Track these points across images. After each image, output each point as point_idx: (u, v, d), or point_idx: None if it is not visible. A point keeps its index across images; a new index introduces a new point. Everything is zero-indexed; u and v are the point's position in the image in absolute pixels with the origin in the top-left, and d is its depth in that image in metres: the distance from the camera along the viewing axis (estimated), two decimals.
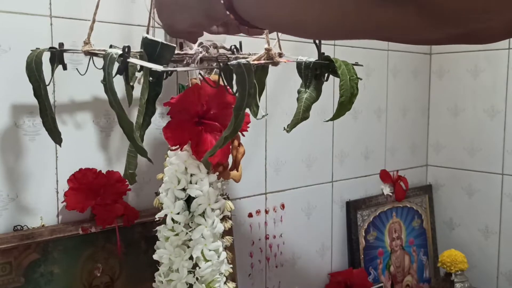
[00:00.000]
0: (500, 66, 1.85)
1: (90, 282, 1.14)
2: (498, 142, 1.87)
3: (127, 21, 1.18)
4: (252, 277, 1.49)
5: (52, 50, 0.93)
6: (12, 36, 1.02)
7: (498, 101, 1.86)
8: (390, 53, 1.85)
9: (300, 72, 0.88)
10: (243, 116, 0.75)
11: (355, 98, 0.82)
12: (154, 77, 0.77)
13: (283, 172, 1.55)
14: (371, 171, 1.84)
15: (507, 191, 1.86)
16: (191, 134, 0.98)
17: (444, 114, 2.01)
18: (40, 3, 1.05)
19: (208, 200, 1.01)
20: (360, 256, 1.75)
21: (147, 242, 1.21)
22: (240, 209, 1.42)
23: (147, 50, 0.77)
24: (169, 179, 1.03)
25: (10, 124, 1.04)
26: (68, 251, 1.11)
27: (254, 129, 1.43)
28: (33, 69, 0.88)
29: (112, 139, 1.18)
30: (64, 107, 1.10)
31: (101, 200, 1.11)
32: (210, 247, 1.02)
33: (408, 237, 1.92)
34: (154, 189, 1.25)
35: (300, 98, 0.85)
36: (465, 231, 1.98)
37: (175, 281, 1.04)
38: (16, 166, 1.05)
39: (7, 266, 1.03)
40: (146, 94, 0.78)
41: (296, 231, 1.60)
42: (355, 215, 1.75)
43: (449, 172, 2.01)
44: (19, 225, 1.06)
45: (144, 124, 0.80)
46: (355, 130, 1.76)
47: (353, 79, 0.81)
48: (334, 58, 0.84)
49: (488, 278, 1.92)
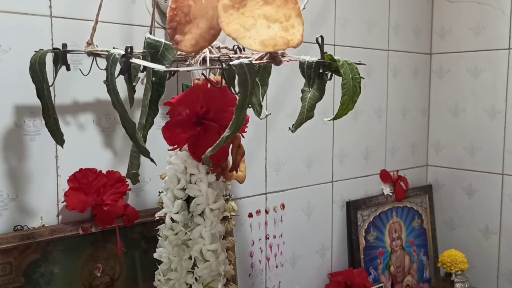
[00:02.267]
0: (500, 66, 1.85)
1: (90, 282, 1.14)
2: (498, 142, 1.87)
3: (127, 21, 1.17)
4: (252, 277, 1.49)
5: (56, 51, 0.93)
6: (12, 36, 1.02)
7: (498, 101, 1.86)
8: (390, 53, 1.85)
9: (303, 71, 0.87)
10: (244, 116, 0.75)
11: (357, 98, 0.82)
12: (157, 78, 0.77)
13: (283, 172, 1.55)
14: (371, 171, 1.84)
15: (507, 191, 1.86)
16: (189, 134, 0.97)
17: (444, 114, 2.01)
18: (40, 3, 1.05)
19: (207, 200, 1.01)
20: (360, 256, 1.74)
21: (147, 242, 1.21)
22: (240, 209, 1.42)
23: (150, 50, 0.77)
24: (169, 179, 1.03)
25: (10, 124, 1.03)
26: (68, 251, 1.10)
27: (255, 129, 1.43)
28: (37, 70, 0.88)
29: (113, 139, 1.18)
30: (64, 107, 1.10)
31: (101, 200, 1.10)
32: (209, 247, 1.02)
33: (408, 237, 1.92)
34: (154, 189, 1.25)
35: (304, 97, 0.85)
36: (465, 231, 1.98)
37: (173, 280, 1.04)
38: (17, 166, 1.05)
39: (7, 266, 1.02)
40: (149, 94, 0.77)
41: (296, 231, 1.60)
42: (355, 215, 1.75)
43: (449, 172, 2.01)
44: (19, 225, 1.06)
45: (147, 125, 0.79)
46: (355, 130, 1.76)
47: (356, 78, 0.81)
48: (336, 57, 0.84)
49: (488, 278, 1.92)
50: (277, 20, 0.66)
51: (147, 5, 1.20)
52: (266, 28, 0.65)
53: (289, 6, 0.67)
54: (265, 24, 0.66)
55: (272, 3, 0.67)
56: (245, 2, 0.66)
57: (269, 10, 0.66)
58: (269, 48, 0.65)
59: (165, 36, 1.23)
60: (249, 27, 0.65)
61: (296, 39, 0.67)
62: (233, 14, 0.65)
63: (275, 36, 0.65)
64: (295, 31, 0.67)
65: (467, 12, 1.91)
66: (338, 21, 1.65)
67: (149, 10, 1.19)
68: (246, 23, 0.65)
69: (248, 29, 0.65)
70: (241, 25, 0.65)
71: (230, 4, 0.65)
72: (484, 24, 1.87)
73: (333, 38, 1.64)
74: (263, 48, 0.65)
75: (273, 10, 0.66)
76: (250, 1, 0.66)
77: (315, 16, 1.57)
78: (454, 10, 1.95)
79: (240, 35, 0.65)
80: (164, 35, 1.23)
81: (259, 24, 0.66)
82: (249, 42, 0.65)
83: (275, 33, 0.66)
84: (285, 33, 0.66)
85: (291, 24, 0.67)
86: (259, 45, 0.65)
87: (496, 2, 1.83)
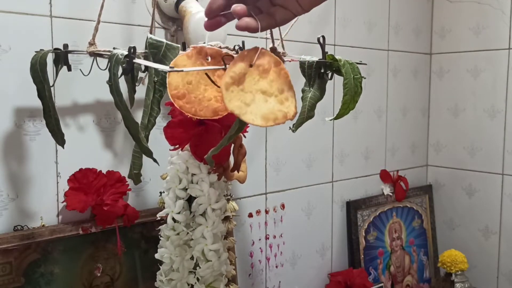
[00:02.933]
0: (500, 66, 1.85)
1: (90, 282, 1.14)
2: (498, 142, 1.87)
3: (127, 21, 1.17)
4: (252, 277, 1.49)
5: (57, 52, 0.93)
6: (12, 36, 1.02)
7: (498, 101, 1.86)
8: (390, 53, 1.85)
9: (304, 71, 0.87)
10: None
11: (358, 97, 0.82)
12: (159, 78, 0.77)
13: (283, 172, 1.55)
14: (371, 171, 1.84)
15: (507, 191, 1.86)
16: (190, 134, 0.97)
17: (444, 114, 2.01)
18: (40, 3, 1.05)
19: (209, 200, 1.01)
20: (360, 256, 1.74)
21: (147, 242, 1.21)
22: (240, 209, 1.42)
23: (152, 50, 0.77)
24: (171, 179, 1.03)
25: (10, 124, 1.03)
26: (68, 251, 1.10)
27: (255, 129, 1.43)
28: (37, 70, 0.87)
29: (113, 139, 1.18)
30: (64, 107, 1.10)
31: (101, 200, 1.10)
32: (211, 247, 1.02)
33: (408, 237, 1.92)
34: (154, 189, 1.24)
35: (305, 97, 0.85)
36: (465, 231, 1.98)
37: (175, 281, 1.04)
38: (17, 166, 1.05)
39: (7, 266, 1.02)
40: (151, 94, 0.77)
41: (296, 231, 1.60)
42: (355, 215, 1.75)
43: (449, 172, 2.01)
44: (19, 225, 1.06)
45: (149, 125, 0.79)
46: (355, 130, 1.76)
47: (357, 78, 0.81)
48: (338, 57, 0.84)
49: (488, 278, 1.92)
50: (272, 94, 0.70)
51: (147, 5, 1.20)
52: (264, 102, 0.69)
53: (281, 81, 0.71)
54: (263, 98, 0.70)
55: (267, 78, 0.70)
56: (244, 78, 0.69)
57: (264, 85, 0.70)
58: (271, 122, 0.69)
59: (165, 36, 1.23)
60: (249, 102, 0.69)
61: (291, 112, 0.71)
62: (233, 91, 0.68)
63: (274, 110, 0.69)
64: (289, 103, 0.71)
65: (467, 12, 1.91)
66: (338, 21, 1.65)
67: (149, 10, 1.19)
68: (246, 99, 0.69)
69: (249, 104, 0.68)
70: (242, 101, 0.68)
71: (231, 82, 0.68)
72: (484, 24, 1.87)
73: (333, 38, 1.64)
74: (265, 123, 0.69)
75: (268, 84, 0.70)
76: (248, 77, 0.70)
77: (315, 16, 1.57)
78: (454, 10, 1.95)
79: (242, 111, 0.68)
80: (165, 35, 1.23)
81: (257, 98, 0.69)
82: (251, 117, 0.68)
83: (273, 107, 0.70)
84: (281, 106, 0.70)
85: (285, 97, 0.71)
86: (260, 119, 0.69)
87: (496, 2, 1.83)
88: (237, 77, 0.68)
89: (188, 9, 1.13)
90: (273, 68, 0.71)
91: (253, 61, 0.70)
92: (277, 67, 0.71)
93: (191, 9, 1.12)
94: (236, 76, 0.68)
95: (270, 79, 0.70)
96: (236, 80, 0.68)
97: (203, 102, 0.77)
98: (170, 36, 1.23)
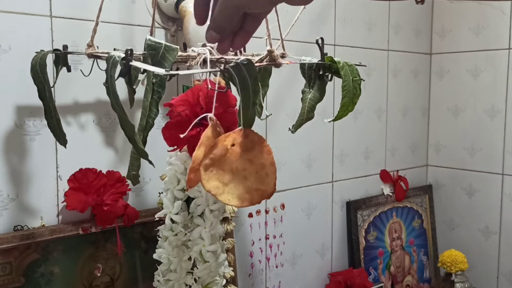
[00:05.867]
0: (500, 66, 1.85)
1: (90, 282, 1.14)
2: (498, 142, 1.87)
3: (127, 21, 1.17)
4: (252, 277, 1.49)
5: (57, 52, 0.93)
6: (12, 36, 1.02)
7: (498, 101, 1.86)
8: (390, 53, 1.85)
9: (304, 72, 0.87)
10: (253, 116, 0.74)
11: (357, 99, 0.82)
12: (157, 79, 0.77)
13: (283, 172, 1.55)
14: (371, 171, 1.84)
15: (507, 191, 1.86)
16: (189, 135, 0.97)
17: (444, 114, 2.01)
18: (40, 3, 1.05)
19: (207, 201, 1.01)
20: (360, 256, 1.74)
21: (147, 242, 1.21)
22: (240, 209, 1.42)
23: (151, 52, 0.77)
24: (169, 180, 1.03)
25: (10, 124, 1.03)
26: (68, 251, 1.11)
27: (255, 130, 1.43)
28: (38, 71, 0.88)
29: (113, 139, 1.18)
30: (65, 107, 1.10)
31: (101, 200, 1.10)
32: (209, 248, 1.01)
33: (408, 237, 1.92)
34: (154, 189, 1.24)
35: (304, 98, 0.85)
36: (465, 231, 1.98)
37: (173, 281, 1.04)
38: (17, 166, 1.05)
39: (7, 266, 1.02)
40: (149, 96, 0.77)
41: (296, 231, 1.60)
42: (355, 215, 1.75)
43: (449, 172, 2.01)
44: (20, 225, 1.06)
45: (147, 126, 0.79)
46: (355, 130, 1.76)
47: (356, 80, 0.81)
48: (337, 59, 0.84)
49: (488, 278, 1.92)
50: (253, 172, 0.70)
51: (147, 5, 1.20)
52: (243, 180, 0.69)
53: (263, 156, 0.71)
54: (242, 176, 0.69)
55: (248, 155, 0.70)
56: (224, 158, 0.69)
57: (245, 163, 0.69)
58: (246, 203, 0.69)
59: (165, 36, 1.24)
60: (227, 182, 0.68)
61: (269, 190, 0.70)
62: (212, 171, 0.68)
63: (251, 189, 0.69)
64: (269, 180, 0.70)
65: (467, 12, 1.91)
66: (338, 21, 1.65)
67: (149, 10, 1.19)
68: (224, 179, 0.68)
69: (227, 184, 0.68)
70: (220, 180, 0.68)
71: (210, 164, 0.68)
72: (484, 24, 1.87)
73: (333, 38, 1.64)
74: (241, 203, 0.69)
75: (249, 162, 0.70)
76: (229, 156, 0.69)
77: (315, 16, 1.57)
78: (454, 10, 1.95)
79: (219, 191, 0.68)
80: (165, 35, 1.23)
81: (236, 177, 0.69)
82: (227, 198, 0.68)
83: (251, 185, 0.69)
84: (260, 184, 0.70)
85: (265, 173, 0.70)
86: (236, 200, 0.68)
87: (496, 2, 1.83)
88: (217, 159, 0.68)
89: (188, 9, 1.13)
90: (257, 146, 0.70)
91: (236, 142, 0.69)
92: (261, 144, 0.71)
93: (191, 9, 1.12)
94: (216, 158, 0.68)
95: (251, 156, 0.70)
96: (215, 161, 0.68)
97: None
98: (170, 36, 1.23)
